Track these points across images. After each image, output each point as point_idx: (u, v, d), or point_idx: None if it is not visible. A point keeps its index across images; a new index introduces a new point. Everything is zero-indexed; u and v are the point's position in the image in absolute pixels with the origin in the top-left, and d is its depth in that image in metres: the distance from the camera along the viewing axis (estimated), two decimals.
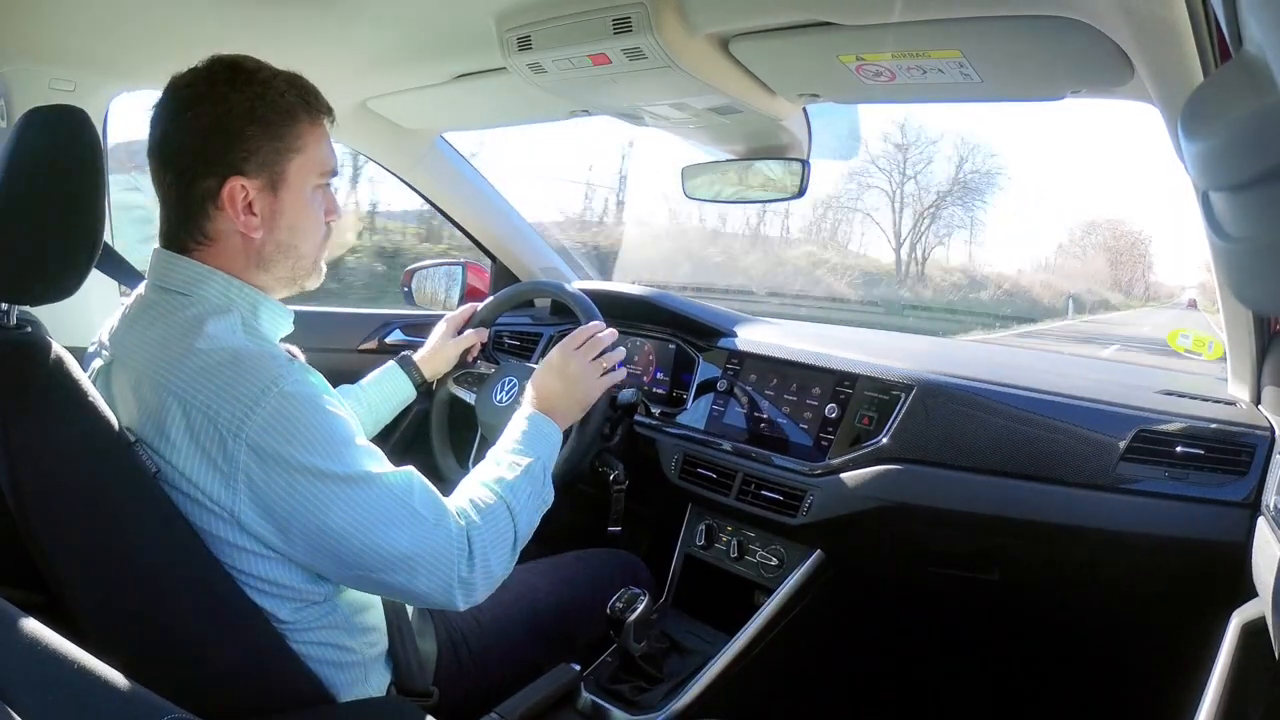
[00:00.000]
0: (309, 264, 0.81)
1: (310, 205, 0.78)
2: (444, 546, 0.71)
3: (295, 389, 0.68)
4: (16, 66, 1.20)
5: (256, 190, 0.74)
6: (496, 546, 0.76)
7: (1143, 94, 0.83)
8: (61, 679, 0.41)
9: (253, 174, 0.73)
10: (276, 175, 0.75)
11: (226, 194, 0.72)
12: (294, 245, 0.78)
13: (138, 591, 0.66)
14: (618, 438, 1.25)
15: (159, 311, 0.73)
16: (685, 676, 1.11)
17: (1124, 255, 41.66)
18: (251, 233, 0.74)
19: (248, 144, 0.72)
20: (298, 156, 0.76)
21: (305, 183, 0.77)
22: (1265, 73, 0.28)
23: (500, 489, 0.80)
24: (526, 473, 0.83)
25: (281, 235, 0.76)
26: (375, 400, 1.15)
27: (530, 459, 0.84)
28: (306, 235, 0.79)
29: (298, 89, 0.76)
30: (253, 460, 0.65)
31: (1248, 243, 0.33)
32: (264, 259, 0.76)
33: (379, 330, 1.69)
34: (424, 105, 1.37)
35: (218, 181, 0.72)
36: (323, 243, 0.82)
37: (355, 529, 0.68)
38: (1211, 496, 0.98)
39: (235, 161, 0.72)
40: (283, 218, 0.76)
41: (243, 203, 0.73)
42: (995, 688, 1.36)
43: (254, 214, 0.74)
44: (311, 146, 0.77)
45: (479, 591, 0.75)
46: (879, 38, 0.86)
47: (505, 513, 0.78)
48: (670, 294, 1.53)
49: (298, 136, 0.75)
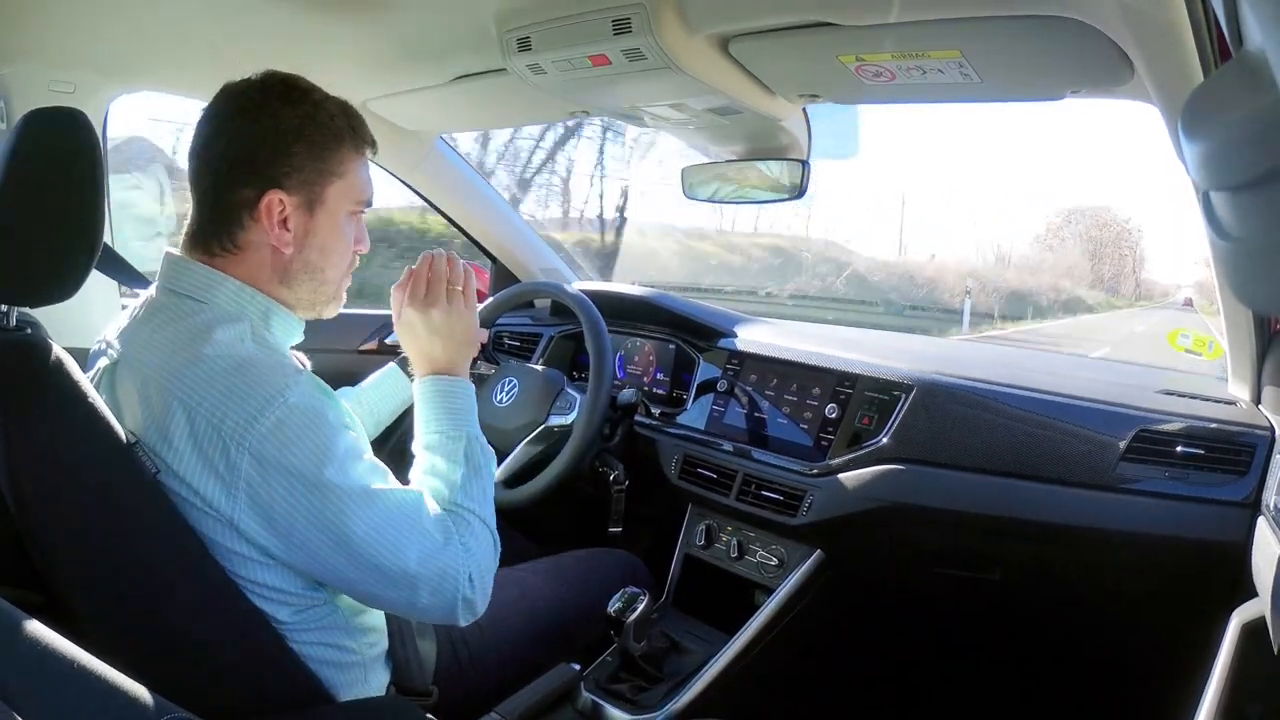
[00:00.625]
0: (331, 290, 0.81)
1: (342, 231, 0.79)
2: (451, 566, 0.71)
3: (301, 400, 0.68)
4: (16, 68, 1.20)
5: (293, 207, 0.74)
6: (481, 556, 0.76)
7: (1143, 94, 0.84)
8: (61, 679, 0.41)
9: (293, 191, 0.74)
10: (315, 196, 0.75)
11: (264, 206, 0.73)
12: (321, 268, 0.78)
13: (137, 592, 0.66)
14: (618, 438, 1.25)
15: (169, 315, 0.73)
16: (685, 676, 1.11)
17: (1108, 248, 38.41)
18: (283, 248, 0.75)
19: (292, 160, 0.73)
20: (338, 181, 0.76)
21: (341, 208, 0.78)
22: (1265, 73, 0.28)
23: (461, 499, 0.78)
24: (468, 465, 0.79)
25: (311, 255, 0.77)
26: (375, 402, 1.15)
27: (462, 443, 0.80)
28: (334, 260, 0.79)
29: (347, 116, 0.77)
30: (254, 469, 0.65)
31: (1248, 242, 0.33)
32: (289, 276, 0.77)
33: (379, 330, 1.69)
34: (424, 106, 1.37)
35: (257, 193, 0.73)
36: (347, 271, 0.82)
37: (357, 544, 0.67)
38: (1211, 496, 0.98)
39: (277, 176, 0.73)
40: (315, 238, 0.76)
41: (278, 217, 0.74)
42: (995, 688, 1.36)
43: (287, 229, 0.74)
44: (352, 174, 0.77)
45: (479, 606, 0.75)
46: (879, 38, 0.86)
47: (479, 524, 0.78)
48: (670, 294, 1.53)
49: (341, 161, 0.76)
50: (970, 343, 2.31)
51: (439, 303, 0.87)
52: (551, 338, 1.59)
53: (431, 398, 0.84)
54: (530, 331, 1.64)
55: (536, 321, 1.69)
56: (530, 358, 1.59)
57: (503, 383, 1.22)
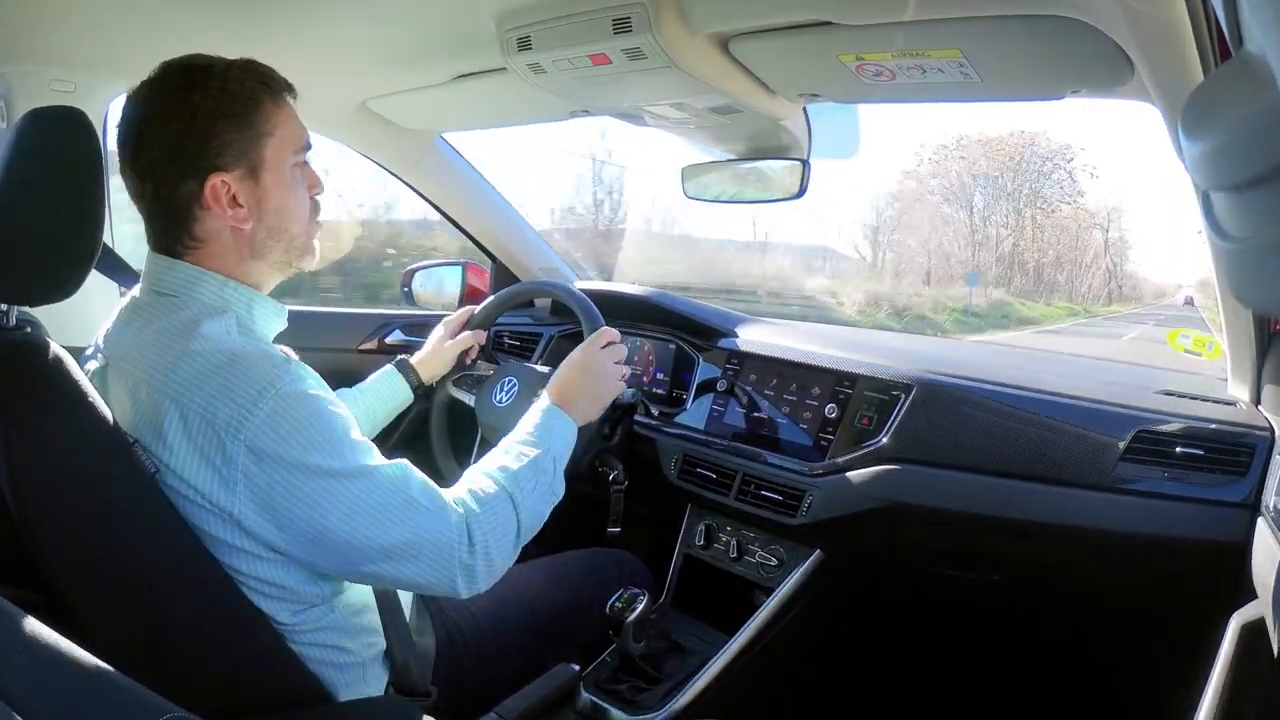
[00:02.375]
0: (301, 243, 0.81)
1: (292, 183, 0.79)
2: (444, 534, 0.72)
3: (292, 389, 0.68)
4: (16, 67, 1.20)
5: (237, 181, 0.74)
6: (497, 535, 0.76)
7: (1143, 94, 0.83)
8: (61, 678, 0.41)
9: (231, 167, 0.73)
10: (254, 162, 0.75)
11: (209, 193, 0.73)
12: (284, 228, 0.78)
13: (137, 591, 0.66)
14: (617, 438, 1.25)
15: (153, 314, 0.73)
16: (684, 676, 1.11)
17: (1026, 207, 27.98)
18: (241, 225, 0.75)
19: (220, 140, 0.73)
20: (270, 139, 0.76)
21: (283, 162, 0.77)
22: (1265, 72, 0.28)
23: (503, 479, 0.80)
24: (533, 464, 0.82)
25: (270, 220, 0.77)
26: (372, 404, 1.15)
27: (539, 451, 0.84)
28: (294, 215, 0.79)
29: (255, 74, 0.76)
30: (252, 461, 0.65)
31: (1248, 242, 0.33)
32: (256, 248, 0.77)
33: (379, 330, 1.69)
34: (424, 105, 1.37)
35: (199, 183, 0.72)
36: (311, 218, 0.82)
37: (356, 522, 0.68)
38: (1211, 497, 0.98)
39: (211, 160, 0.73)
40: (268, 203, 0.76)
41: (227, 198, 0.73)
42: (994, 688, 1.36)
43: (240, 205, 0.74)
44: (280, 126, 0.77)
45: (480, 579, 0.75)
46: (879, 37, 0.86)
47: (507, 502, 0.78)
48: (670, 294, 1.53)
49: (266, 119, 0.75)
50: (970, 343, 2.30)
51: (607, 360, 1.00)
52: (552, 337, 1.59)
53: (541, 420, 0.89)
54: (530, 331, 1.64)
55: (537, 321, 1.69)
56: (530, 357, 1.59)
57: (503, 382, 1.22)
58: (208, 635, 0.68)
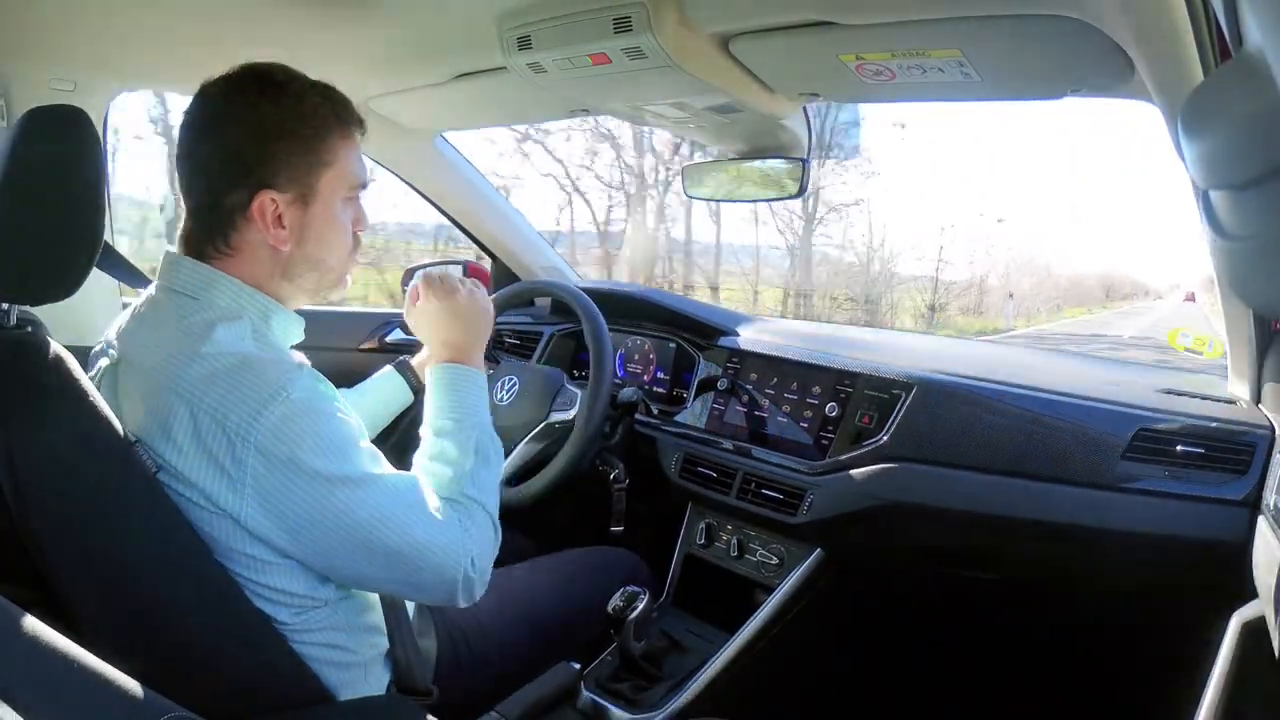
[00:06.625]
0: (335, 276, 0.80)
1: (339, 218, 0.78)
2: (451, 544, 0.72)
3: (303, 394, 0.68)
4: (16, 66, 1.20)
5: (286, 204, 0.73)
6: (482, 543, 0.76)
7: (1143, 93, 0.83)
8: (62, 678, 0.42)
9: (284, 188, 0.73)
10: (307, 189, 0.74)
11: (256, 208, 0.72)
12: (321, 259, 0.77)
13: (137, 591, 0.66)
14: (618, 436, 1.25)
15: (169, 314, 0.72)
16: (685, 675, 1.11)
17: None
18: (280, 245, 0.74)
19: (279, 158, 0.72)
20: (329, 170, 0.75)
21: (335, 196, 0.76)
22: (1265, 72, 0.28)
23: (468, 489, 0.78)
24: (478, 456, 0.80)
25: (310, 248, 0.76)
26: (372, 404, 1.15)
27: (475, 432, 0.81)
28: (334, 248, 0.78)
29: (331, 101, 0.75)
30: (261, 465, 0.65)
31: (1248, 241, 0.33)
32: (290, 271, 0.76)
33: (379, 329, 1.69)
34: (424, 105, 1.37)
35: (248, 195, 0.72)
36: (350, 255, 0.81)
37: (362, 529, 0.68)
38: (1211, 495, 0.98)
39: (266, 176, 0.72)
40: (311, 231, 0.75)
41: (272, 216, 0.73)
42: (994, 686, 1.36)
43: (283, 227, 0.73)
44: (342, 160, 0.76)
45: (477, 590, 0.76)
46: (879, 37, 0.86)
47: (482, 513, 0.78)
48: (670, 293, 1.53)
49: (329, 150, 0.75)
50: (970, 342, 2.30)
51: (459, 290, 0.90)
52: (552, 336, 1.60)
53: (446, 384, 0.84)
54: (530, 330, 1.65)
55: (537, 320, 1.69)
56: (530, 356, 1.59)
57: (503, 381, 1.22)
58: (208, 634, 0.68)
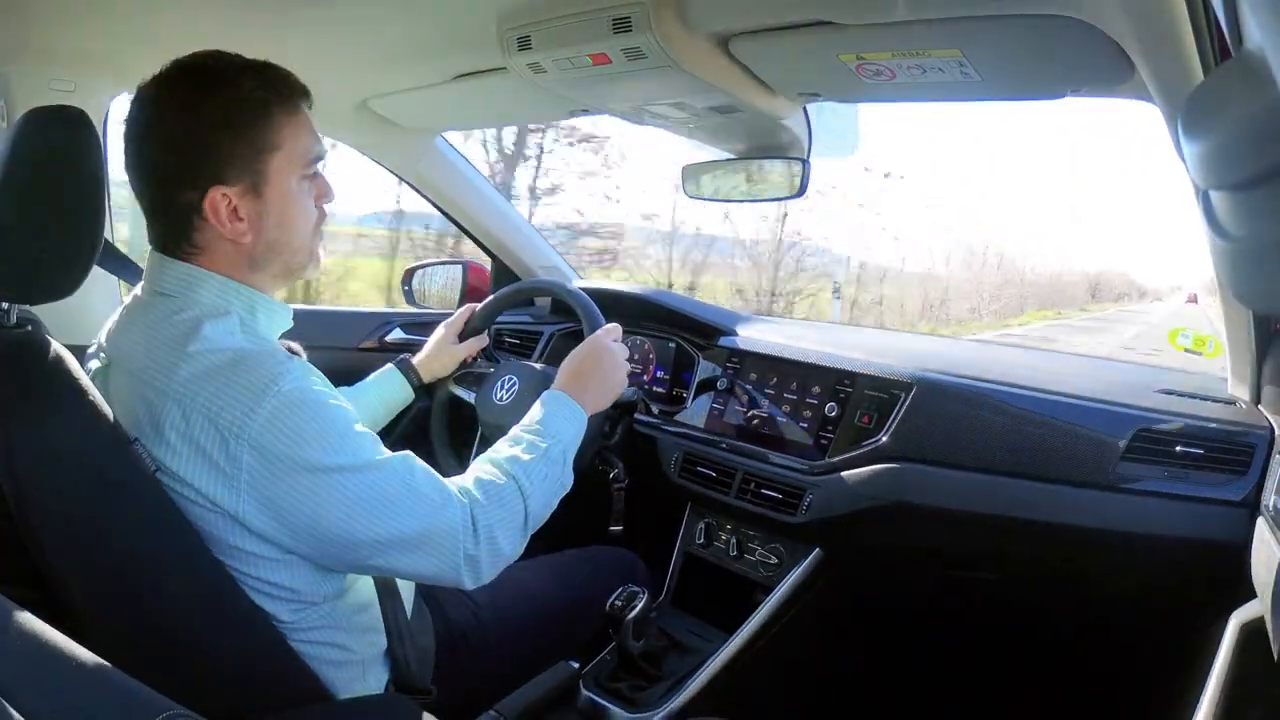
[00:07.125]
0: (303, 255, 0.79)
1: (297, 197, 0.76)
2: (449, 524, 0.72)
3: (295, 386, 0.68)
4: (16, 66, 1.19)
5: (239, 195, 0.72)
6: (504, 525, 0.76)
7: (1143, 93, 0.83)
8: (61, 676, 0.42)
9: (233, 180, 0.71)
10: (258, 176, 0.72)
11: (209, 205, 0.71)
12: (285, 241, 0.76)
13: (137, 590, 0.66)
14: (617, 436, 1.25)
15: (155, 314, 0.72)
16: (684, 675, 1.11)
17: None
18: (240, 239, 0.73)
19: (223, 151, 0.70)
20: (277, 153, 0.73)
21: (289, 177, 0.75)
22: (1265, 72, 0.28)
23: (513, 469, 0.79)
24: (544, 456, 0.82)
25: (271, 234, 0.75)
26: (373, 403, 1.15)
27: (548, 442, 0.84)
28: (296, 229, 0.77)
29: (267, 81, 0.72)
30: (256, 460, 0.65)
31: (1248, 242, 0.33)
32: (256, 260, 0.75)
33: (379, 329, 1.69)
34: (424, 105, 1.36)
35: (199, 194, 0.70)
36: (315, 230, 0.80)
37: (361, 515, 0.68)
38: (1211, 496, 0.98)
39: (214, 172, 0.70)
40: (269, 217, 0.74)
41: (227, 211, 0.71)
42: (992, 686, 1.36)
43: (240, 219, 0.72)
44: (290, 140, 0.74)
45: (485, 570, 0.75)
46: (879, 37, 0.86)
47: (515, 493, 0.78)
48: (670, 292, 1.53)
49: (274, 133, 0.73)
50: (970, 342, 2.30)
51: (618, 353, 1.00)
52: (552, 335, 1.59)
53: (549, 409, 0.88)
54: (530, 330, 1.65)
55: (537, 320, 1.69)
56: (530, 356, 1.59)
57: (503, 380, 1.22)
58: (208, 633, 0.68)
